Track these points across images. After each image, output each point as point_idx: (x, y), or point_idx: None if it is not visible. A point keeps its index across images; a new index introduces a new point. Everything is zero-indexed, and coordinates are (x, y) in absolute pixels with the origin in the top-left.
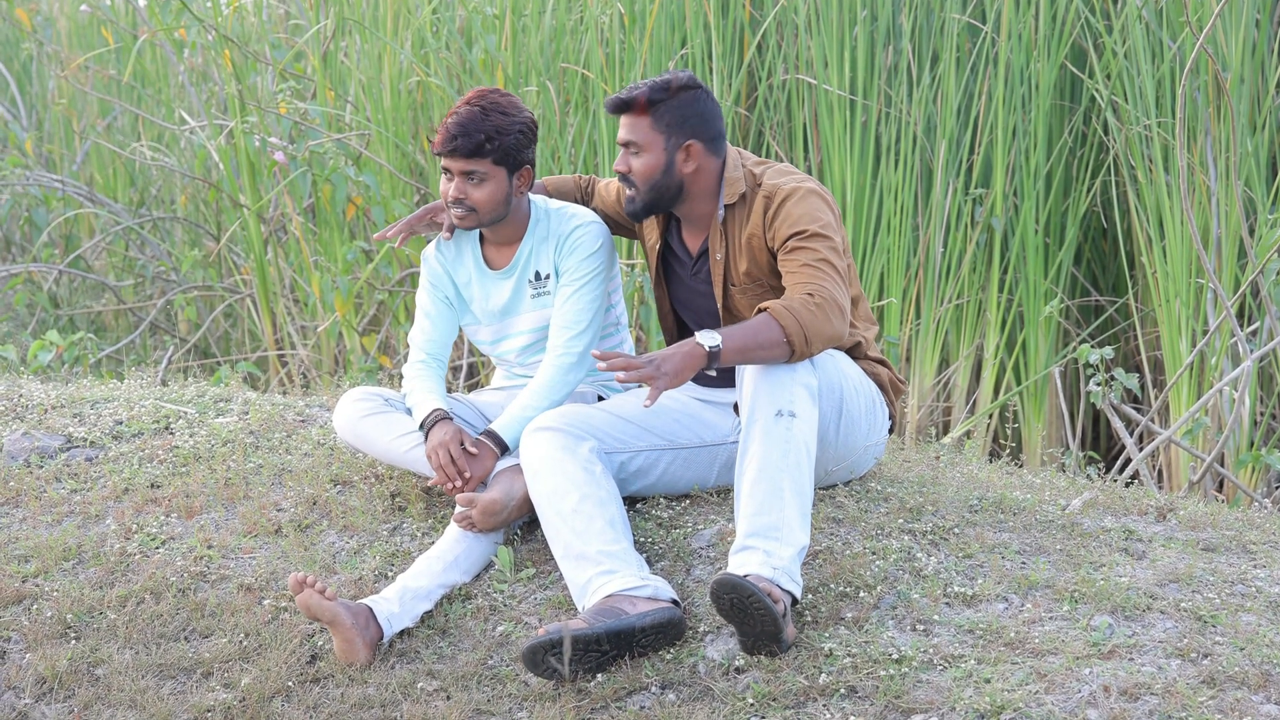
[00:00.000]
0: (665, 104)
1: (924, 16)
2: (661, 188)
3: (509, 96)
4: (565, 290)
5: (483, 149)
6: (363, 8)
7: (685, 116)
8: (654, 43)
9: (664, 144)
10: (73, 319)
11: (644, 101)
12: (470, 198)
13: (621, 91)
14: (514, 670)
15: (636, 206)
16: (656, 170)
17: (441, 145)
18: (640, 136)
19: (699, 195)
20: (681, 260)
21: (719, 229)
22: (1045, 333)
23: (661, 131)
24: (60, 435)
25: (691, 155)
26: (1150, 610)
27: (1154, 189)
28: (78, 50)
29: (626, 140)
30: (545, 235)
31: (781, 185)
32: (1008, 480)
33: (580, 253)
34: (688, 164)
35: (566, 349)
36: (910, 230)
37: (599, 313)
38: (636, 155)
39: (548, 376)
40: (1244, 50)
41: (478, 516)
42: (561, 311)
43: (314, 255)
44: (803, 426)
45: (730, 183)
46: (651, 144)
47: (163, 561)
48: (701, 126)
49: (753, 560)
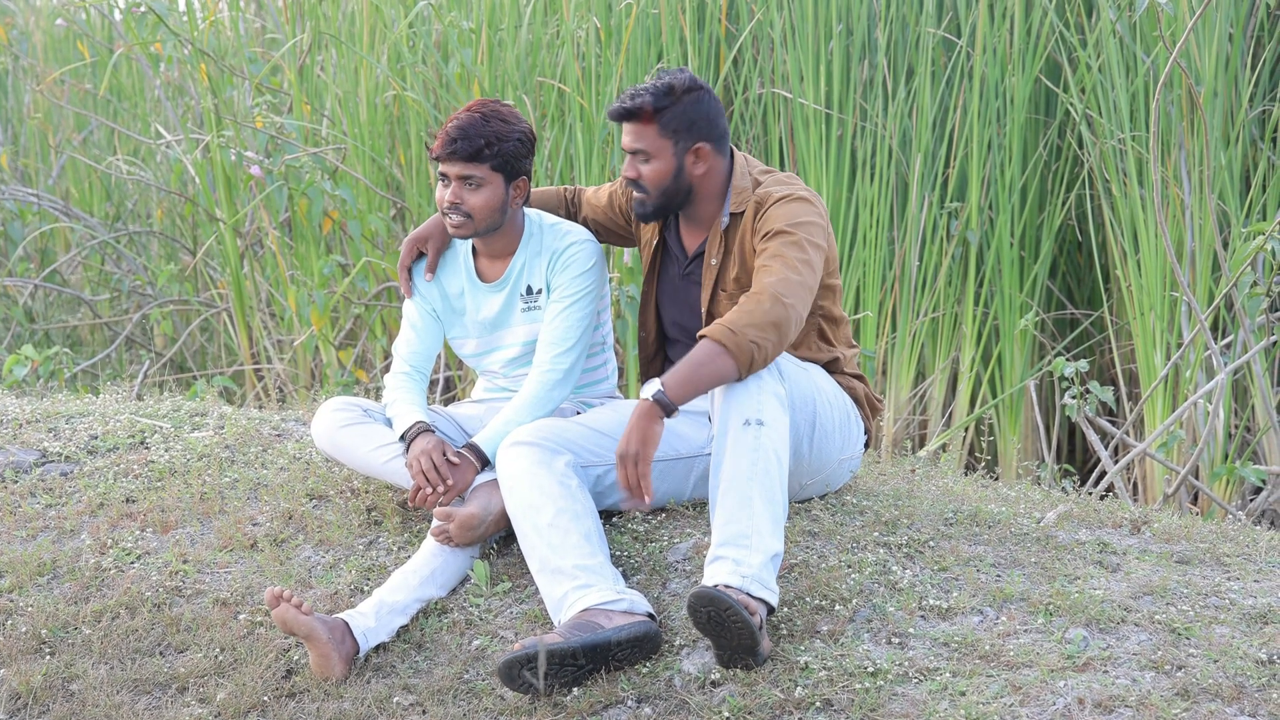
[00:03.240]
0: (671, 109)
1: (899, 31)
2: (673, 192)
3: (509, 106)
4: (555, 307)
5: (481, 154)
6: (339, 22)
7: (692, 120)
8: (630, 57)
9: (673, 149)
10: (48, 333)
11: (650, 110)
12: (466, 203)
13: (624, 99)
14: (490, 684)
15: (648, 210)
16: (668, 175)
17: (441, 149)
18: (648, 144)
19: (707, 197)
20: (675, 257)
21: (719, 235)
22: (1021, 346)
23: (669, 137)
24: (35, 450)
25: (701, 157)
26: (1125, 623)
27: (1128, 202)
28: (53, 64)
29: (634, 148)
30: (539, 250)
31: (773, 193)
32: (983, 493)
33: (573, 270)
34: (698, 166)
35: (553, 365)
36: (886, 244)
37: (587, 331)
38: (646, 162)
39: (533, 392)
40: (1217, 64)
41: (455, 531)
42: (550, 328)
43: (290, 269)
44: (771, 434)
45: (738, 191)
46: (660, 150)
47: (138, 576)
48: (708, 128)
49: (723, 570)
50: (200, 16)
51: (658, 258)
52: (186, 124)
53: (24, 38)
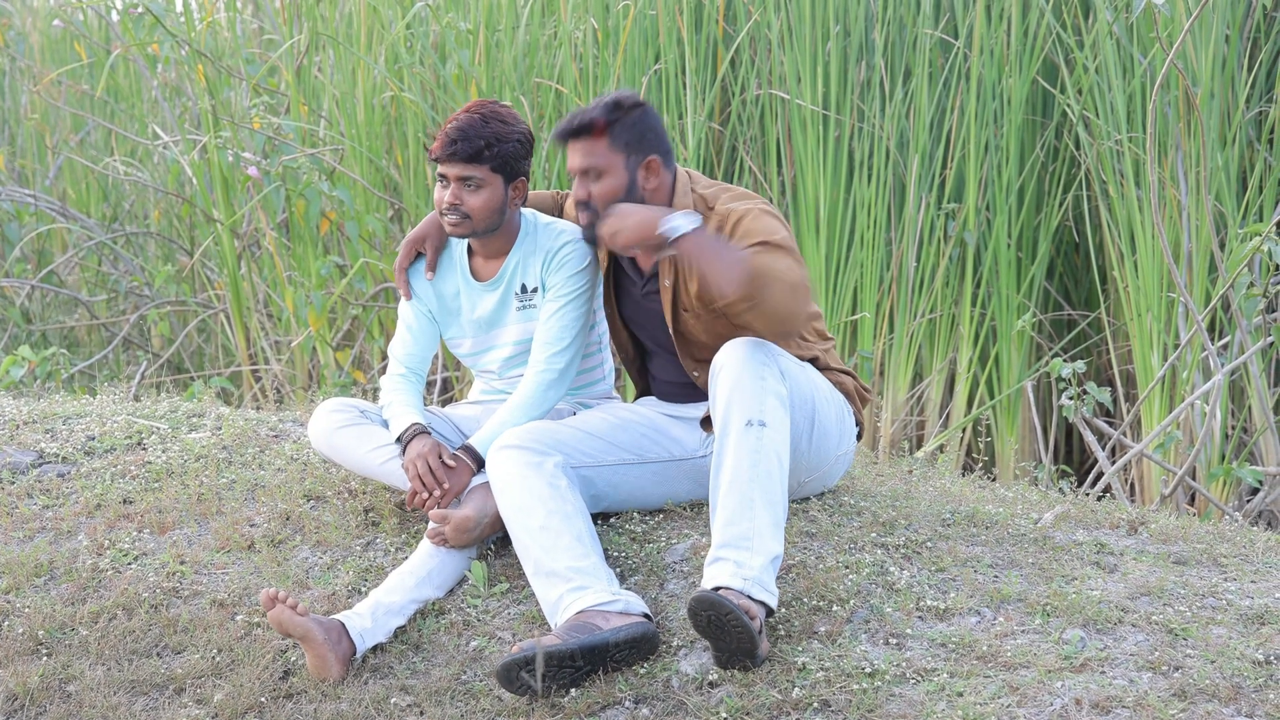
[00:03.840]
0: (621, 122)
1: (896, 32)
2: None
3: (508, 107)
4: (550, 306)
5: (481, 155)
6: (336, 22)
7: (642, 133)
8: (627, 58)
9: (624, 163)
10: (45, 334)
11: (603, 123)
12: (466, 204)
13: (569, 119)
14: (488, 686)
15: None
16: (620, 191)
17: (440, 150)
18: (600, 160)
19: None
20: (632, 279)
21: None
22: (1018, 347)
23: (621, 151)
24: (32, 451)
25: (652, 171)
26: (1122, 623)
27: (1125, 203)
28: (50, 65)
29: (585, 167)
30: (533, 249)
31: (735, 208)
32: (980, 494)
33: (568, 269)
34: (649, 180)
35: (548, 365)
36: (883, 245)
37: (582, 330)
38: (597, 180)
39: (528, 392)
40: (1214, 65)
41: (451, 533)
42: (545, 327)
43: (288, 270)
44: (773, 435)
45: (681, 208)
46: (613, 165)
47: (135, 577)
48: (657, 141)
49: (724, 571)
50: (197, 17)
51: (613, 280)
52: (184, 125)
53: (21, 39)
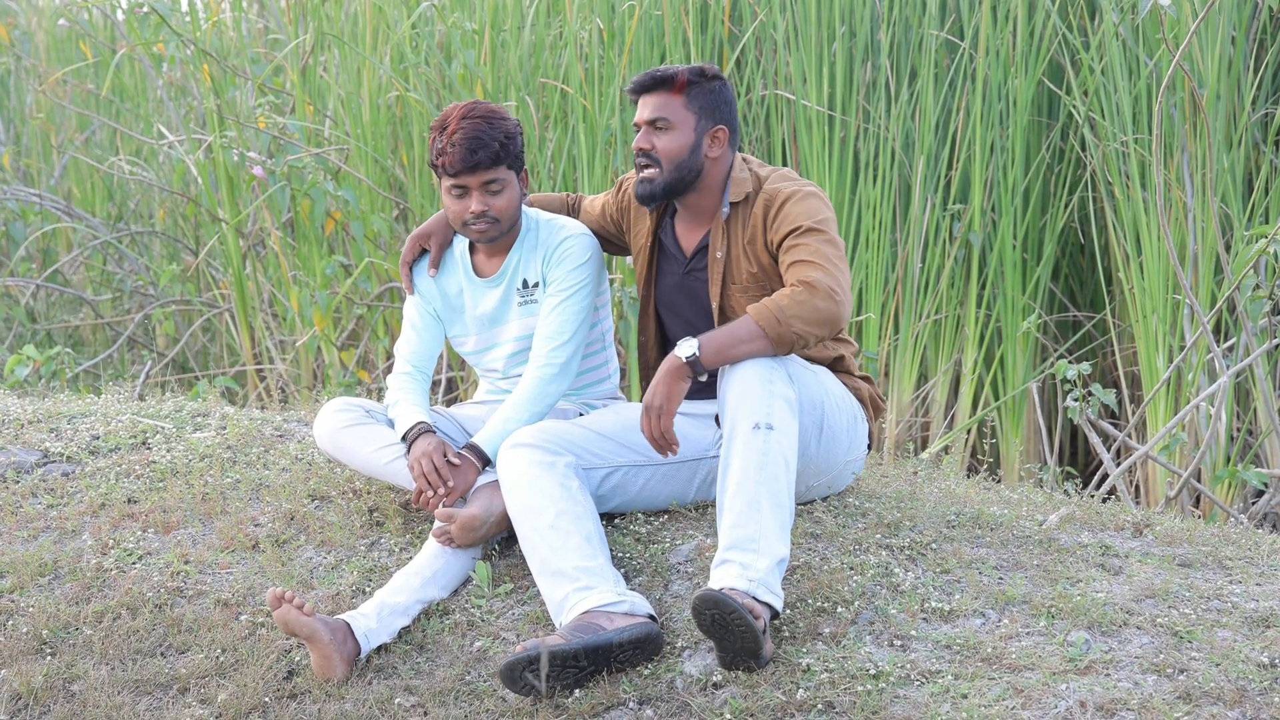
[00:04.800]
0: (701, 86)
1: (902, 33)
2: (685, 168)
3: (493, 104)
4: (551, 300)
5: (499, 157)
6: (342, 22)
7: (717, 103)
8: (633, 58)
9: (695, 124)
10: (50, 333)
11: (684, 79)
12: (494, 208)
13: (651, 72)
14: (492, 686)
15: (656, 187)
16: (685, 149)
17: (461, 163)
18: (673, 114)
19: (710, 187)
20: (674, 257)
21: (722, 226)
22: (1023, 348)
23: (694, 112)
24: (37, 450)
25: (718, 140)
26: (1127, 626)
27: (1131, 205)
28: (56, 64)
29: (655, 117)
30: (535, 245)
31: (782, 189)
32: (985, 495)
33: (568, 263)
34: (713, 148)
35: (549, 360)
36: (889, 245)
37: (583, 325)
38: (664, 132)
39: (529, 388)
40: (1220, 67)
41: (456, 532)
42: (546, 322)
43: (293, 270)
44: (781, 439)
45: (737, 182)
46: (683, 122)
47: (139, 577)
48: (729, 114)
49: (730, 573)
50: (203, 17)
51: (654, 261)
52: (189, 124)
53: (26, 38)
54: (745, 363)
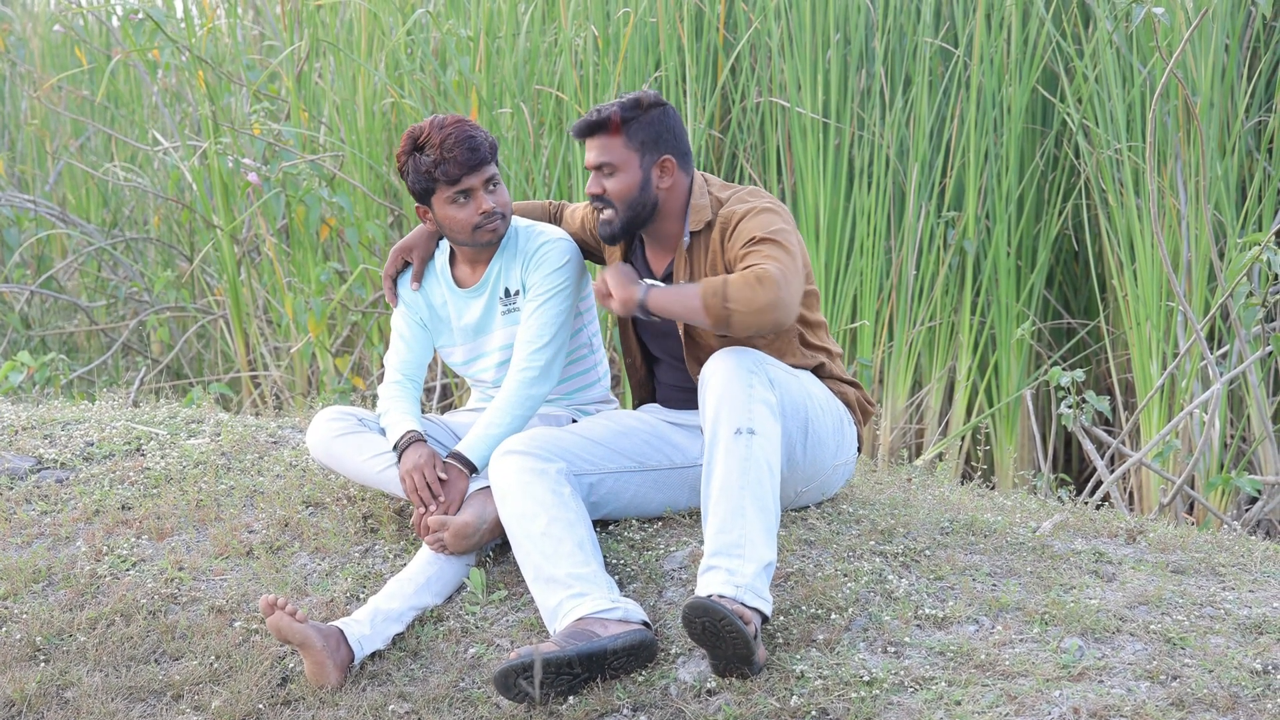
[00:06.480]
0: (637, 121)
1: (896, 40)
2: (639, 205)
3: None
4: (530, 305)
5: (493, 151)
6: (337, 29)
7: (658, 133)
8: (628, 65)
9: (639, 161)
10: (44, 340)
11: (618, 120)
12: (500, 204)
13: (588, 115)
14: (486, 693)
15: (615, 229)
16: (634, 187)
17: (466, 163)
18: (615, 156)
19: (670, 214)
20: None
21: (684, 255)
22: (1017, 355)
23: (636, 149)
24: (31, 457)
25: (666, 171)
26: (1120, 632)
27: (1125, 212)
28: (51, 70)
29: (600, 162)
30: (515, 252)
31: (737, 210)
32: (979, 502)
33: (546, 267)
34: (664, 180)
35: (529, 363)
36: (883, 253)
37: (564, 328)
38: (611, 176)
39: (510, 392)
40: (1213, 75)
41: (450, 539)
42: (526, 326)
43: (287, 276)
44: (763, 443)
45: (696, 210)
46: (627, 162)
47: (133, 583)
48: (674, 141)
49: (716, 580)
50: (198, 23)
51: None
52: (184, 131)
53: (21, 44)
54: (724, 368)
